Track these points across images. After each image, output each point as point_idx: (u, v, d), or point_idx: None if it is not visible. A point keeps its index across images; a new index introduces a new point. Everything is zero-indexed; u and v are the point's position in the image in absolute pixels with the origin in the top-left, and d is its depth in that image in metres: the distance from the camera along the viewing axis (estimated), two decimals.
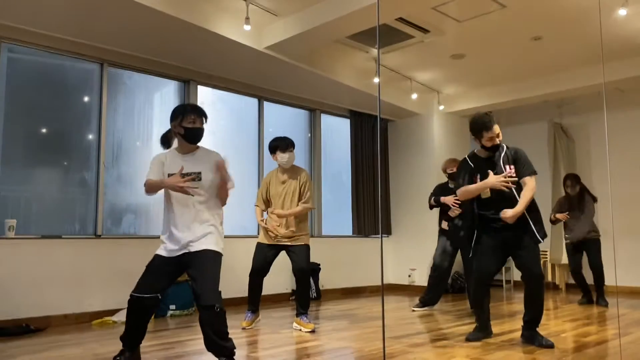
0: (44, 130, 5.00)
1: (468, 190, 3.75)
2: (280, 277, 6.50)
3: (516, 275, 8.23)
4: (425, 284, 6.32)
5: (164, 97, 5.86)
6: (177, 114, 2.99)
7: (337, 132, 7.62)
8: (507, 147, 3.89)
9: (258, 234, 5.39)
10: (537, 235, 3.58)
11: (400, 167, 7.93)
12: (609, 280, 7.31)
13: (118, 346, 3.70)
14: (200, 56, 5.51)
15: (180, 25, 4.67)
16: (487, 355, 3.33)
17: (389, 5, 4.40)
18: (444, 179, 5.89)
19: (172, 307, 5.17)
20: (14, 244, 4.48)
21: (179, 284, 5.26)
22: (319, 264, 6.78)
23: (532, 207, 3.66)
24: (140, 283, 2.91)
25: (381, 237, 7.28)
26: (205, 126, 3.05)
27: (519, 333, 3.95)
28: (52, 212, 4.93)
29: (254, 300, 4.51)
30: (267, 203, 4.61)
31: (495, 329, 4.30)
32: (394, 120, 7.95)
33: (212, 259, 2.96)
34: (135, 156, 5.55)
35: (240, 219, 6.27)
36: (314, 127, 7.30)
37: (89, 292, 4.86)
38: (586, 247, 5.96)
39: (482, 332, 3.84)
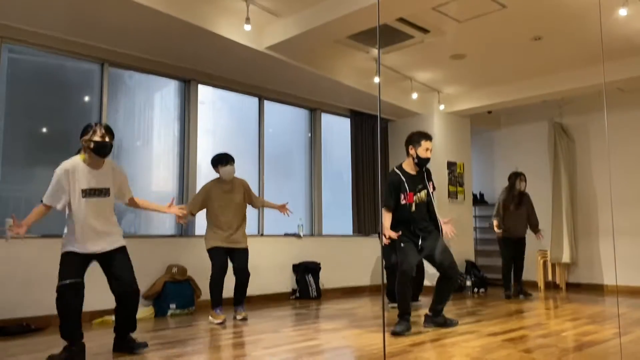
0: (44, 130, 5.01)
1: (385, 225, 4.18)
2: (280, 277, 6.51)
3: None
4: (425, 282, 6.34)
5: (164, 96, 5.86)
6: (87, 130, 3.36)
7: (337, 131, 7.62)
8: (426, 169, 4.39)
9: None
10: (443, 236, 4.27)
11: None
12: (609, 280, 7.35)
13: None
14: (201, 56, 5.51)
15: (181, 25, 4.67)
16: (487, 354, 3.33)
17: (389, 6, 4.40)
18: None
19: (173, 306, 5.17)
20: (14, 244, 4.48)
21: (179, 284, 5.28)
22: (319, 263, 6.79)
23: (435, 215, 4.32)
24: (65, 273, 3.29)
25: (381, 236, 7.28)
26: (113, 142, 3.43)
27: (519, 333, 3.96)
28: (52, 212, 4.93)
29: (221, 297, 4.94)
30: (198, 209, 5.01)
31: (495, 328, 4.31)
32: (394, 120, 7.96)
33: (126, 253, 3.57)
34: (135, 156, 5.56)
35: None
36: (314, 127, 7.31)
37: (89, 291, 4.84)
38: (520, 244, 6.59)
39: (408, 322, 4.09)
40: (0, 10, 4.38)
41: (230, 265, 4.89)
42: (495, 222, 6.52)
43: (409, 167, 4.24)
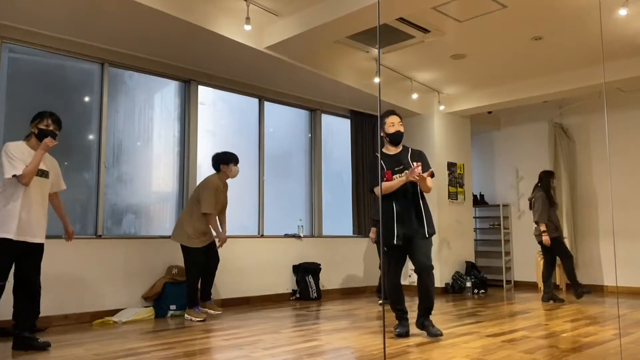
0: None
1: (391, 185, 3.97)
2: (280, 278, 6.50)
3: (516, 275, 8.25)
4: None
5: (164, 97, 5.86)
6: (36, 117, 3.71)
7: (337, 131, 7.62)
8: (412, 149, 4.19)
9: (260, 234, 5.40)
10: (427, 232, 3.97)
11: None
12: (609, 281, 7.34)
13: (119, 346, 3.72)
14: (201, 56, 5.51)
15: (181, 25, 4.67)
16: (487, 355, 3.33)
17: (389, 5, 4.40)
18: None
19: (173, 307, 5.17)
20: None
21: (179, 285, 5.27)
22: (319, 264, 6.78)
23: (426, 206, 4.05)
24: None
25: (381, 237, 7.28)
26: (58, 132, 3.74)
27: (519, 333, 3.95)
28: (52, 212, 4.92)
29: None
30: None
31: (495, 329, 4.31)
32: None
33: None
34: (135, 156, 5.55)
35: (240, 219, 6.27)
36: (314, 127, 7.30)
37: (90, 292, 4.87)
38: (563, 242, 6.37)
39: (407, 322, 4.08)
40: (0, 10, 4.38)
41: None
42: (542, 227, 6.10)
43: (387, 148, 4.24)
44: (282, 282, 6.51)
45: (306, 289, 6.51)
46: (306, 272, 6.59)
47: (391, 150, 4.19)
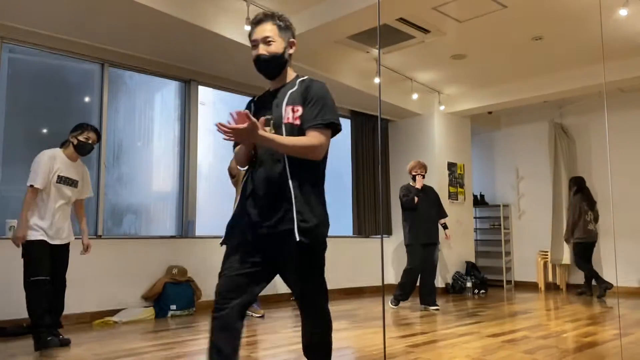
0: (44, 131, 5.01)
1: (236, 151, 2.14)
2: (280, 278, 6.50)
3: (517, 275, 8.24)
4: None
5: (164, 97, 5.86)
6: (77, 128, 3.85)
7: None
8: (305, 80, 2.17)
9: None
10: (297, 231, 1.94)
11: (401, 168, 7.92)
12: (609, 281, 7.33)
13: (119, 346, 3.72)
14: (201, 56, 5.51)
15: (181, 25, 4.67)
16: (488, 355, 3.33)
17: (389, 6, 4.40)
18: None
19: (173, 307, 5.16)
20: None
21: (179, 285, 5.27)
22: None
23: (303, 188, 1.97)
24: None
25: (382, 237, 7.29)
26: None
27: (519, 333, 3.95)
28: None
29: None
30: None
31: (495, 329, 4.31)
32: (395, 120, 7.95)
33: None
34: (135, 156, 5.55)
35: None
36: None
37: (90, 292, 4.87)
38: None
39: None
40: (0, 10, 4.38)
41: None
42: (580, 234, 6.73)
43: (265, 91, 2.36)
44: (282, 283, 6.49)
45: None
46: None
47: (270, 91, 2.29)
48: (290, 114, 2.04)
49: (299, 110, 2.04)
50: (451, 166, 7.68)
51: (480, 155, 8.89)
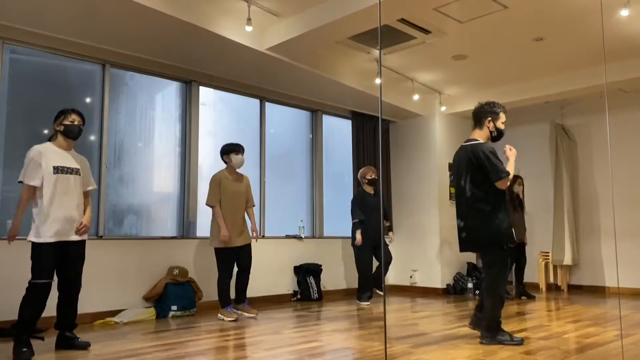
0: (45, 132, 5.01)
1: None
2: (281, 278, 6.50)
3: None
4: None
5: (165, 98, 5.86)
6: (59, 115, 3.72)
7: (338, 132, 7.62)
8: None
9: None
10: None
11: (401, 168, 7.92)
12: (610, 282, 7.33)
13: (120, 347, 3.72)
14: (202, 57, 5.51)
15: (182, 26, 4.67)
16: (488, 356, 3.32)
17: (390, 6, 4.40)
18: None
19: (174, 308, 5.16)
20: (15, 244, 4.48)
21: (180, 285, 5.27)
22: (321, 265, 6.78)
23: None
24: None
25: (382, 237, 7.29)
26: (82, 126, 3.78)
27: (520, 333, 3.94)
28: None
29: None
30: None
31: None
32: (396, 121, 7.95)
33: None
34: (137, 157, 5.56)
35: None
36: (315, 128, 7.30)
37: (91, 292, 4.86)
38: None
39: None
40: (1, 11, 4.39)
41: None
42: None
43: None
44: (283, 283, 6.51)
45: (307, 289, 6.50)
46: (307, 272, 6.59)
47: None
48: None
49: None
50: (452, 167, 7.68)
51: None
